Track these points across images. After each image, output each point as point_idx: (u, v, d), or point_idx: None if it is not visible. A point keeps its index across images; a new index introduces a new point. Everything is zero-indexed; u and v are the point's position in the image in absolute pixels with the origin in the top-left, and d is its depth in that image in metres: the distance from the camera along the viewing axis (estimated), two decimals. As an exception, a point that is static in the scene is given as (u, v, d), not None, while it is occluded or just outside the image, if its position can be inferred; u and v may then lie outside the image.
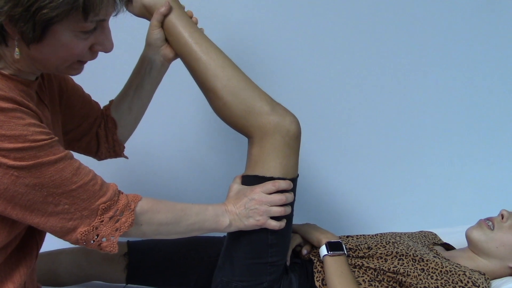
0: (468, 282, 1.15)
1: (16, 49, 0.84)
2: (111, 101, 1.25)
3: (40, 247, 1.02)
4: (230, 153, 1.72)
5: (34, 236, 0.98)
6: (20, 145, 0.80)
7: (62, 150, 0.88)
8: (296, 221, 1.37)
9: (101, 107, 1.24)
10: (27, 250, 0.96)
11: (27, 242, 0.97)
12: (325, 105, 1.78)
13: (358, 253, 1.28)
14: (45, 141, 0.84)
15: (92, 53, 0.90)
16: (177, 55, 1.20)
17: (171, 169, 1.73)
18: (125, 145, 1.29)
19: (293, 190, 1.16)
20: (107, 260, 1.35)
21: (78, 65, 0.91)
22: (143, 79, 1.21)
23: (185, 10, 1.21)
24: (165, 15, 1.15)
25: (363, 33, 1.76)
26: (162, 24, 1.16)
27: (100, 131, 1.22)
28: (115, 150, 1.26)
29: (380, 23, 1.76)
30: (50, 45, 0.84)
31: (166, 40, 1.18)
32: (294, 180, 1.17)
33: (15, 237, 0.92)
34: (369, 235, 1.39)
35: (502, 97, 1.91)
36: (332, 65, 1.76)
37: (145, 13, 1.18)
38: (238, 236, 1.15)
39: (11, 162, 0.80)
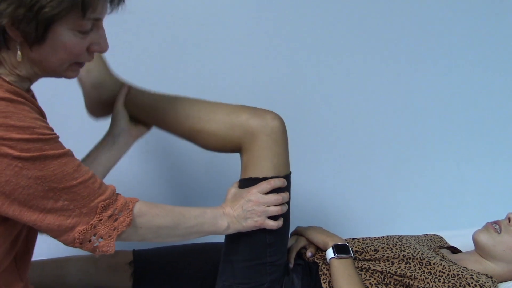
0: (475, 285, 1.14)
1: (18, 52, 0.86)
2: None
3: (31, 257, 1.02)
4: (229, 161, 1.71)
5: (28, 251, 0.99)
6: (27, 136, 0.82)
7: (64, 147, 0.89)
8: (300, 224, 1.37)
9: None
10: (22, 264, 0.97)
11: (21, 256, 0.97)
12: (332, 106, 1.77)
13: (365, 255, 1.27)
14: (51, 136, 0.86)
15: (89, 54, 0.93)
16: (144, 128, 1.25)
17: (171, 177, 1.72)
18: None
19: (288, 187, 1.17)
20: (113, 269, 1.35)
21: (76, 67, 0.93)
22: (102, 153, 1.20)
23: None
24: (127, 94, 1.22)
25: (365, 34, 1.75)
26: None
27: None
28: None
29: (380, 22, 1.76)
30: (51, 46, 0.86)
31: (130, 119, 1.22)
32: (287, 177, 1.17)
33: (7, 252, 0.91)
34: (375, 238, 1.38)
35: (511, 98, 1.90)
36: (333, 65, 1.74)
37: (105, 110, 1.24)
38: (236, 239, 1.15)
39: (17, 153, 0.80)
